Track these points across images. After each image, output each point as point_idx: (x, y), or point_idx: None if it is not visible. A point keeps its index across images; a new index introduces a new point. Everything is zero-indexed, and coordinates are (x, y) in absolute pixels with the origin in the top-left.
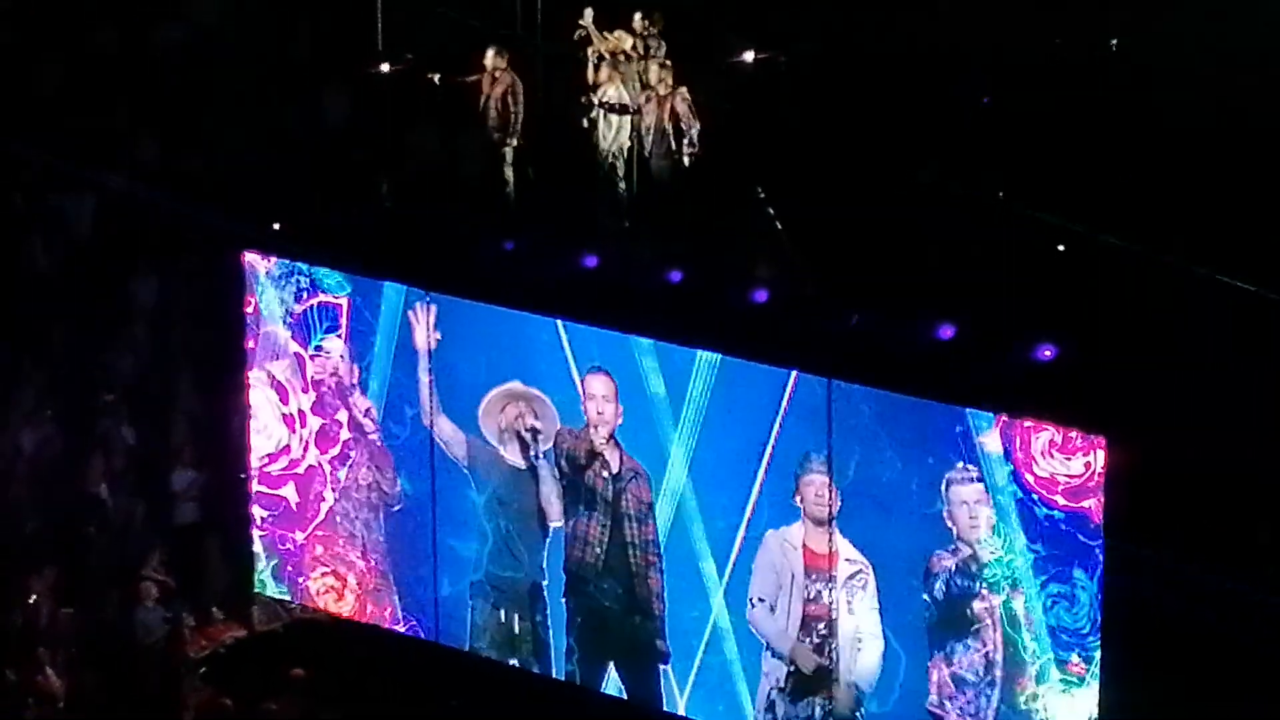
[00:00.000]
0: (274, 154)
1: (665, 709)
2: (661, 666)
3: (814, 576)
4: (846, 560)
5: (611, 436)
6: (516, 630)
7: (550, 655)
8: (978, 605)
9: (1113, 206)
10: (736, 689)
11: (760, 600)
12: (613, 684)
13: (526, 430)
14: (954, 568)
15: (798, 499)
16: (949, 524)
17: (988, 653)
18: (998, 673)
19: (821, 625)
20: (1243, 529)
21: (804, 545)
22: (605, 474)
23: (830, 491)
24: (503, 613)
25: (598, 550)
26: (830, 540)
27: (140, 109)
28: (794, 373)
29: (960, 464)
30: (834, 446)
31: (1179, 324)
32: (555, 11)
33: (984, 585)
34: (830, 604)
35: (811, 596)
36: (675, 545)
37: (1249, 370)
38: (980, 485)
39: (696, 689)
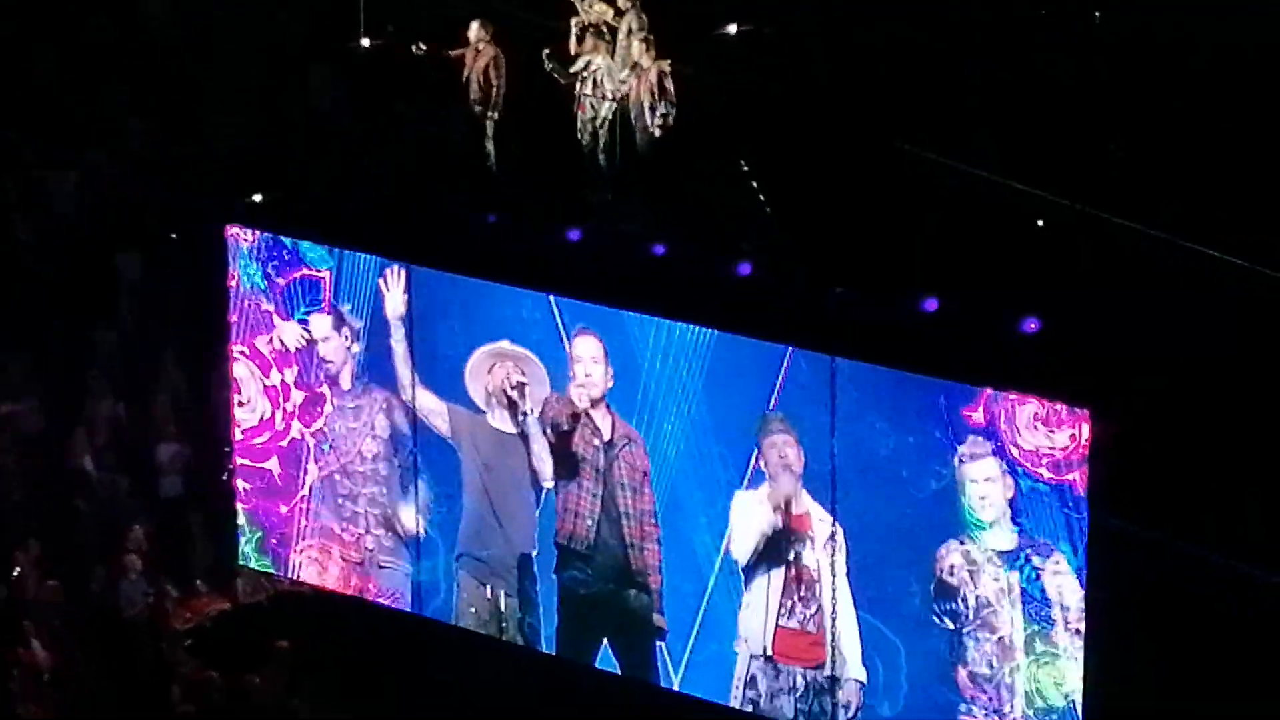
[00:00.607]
0: (256, 128)
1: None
2: (658, 643)
3: (792, 538)
4: (819, 521)
5: (603, 400)
6: (503, 607)
7: (539, 633)
8: (991, 587)
9: (1099, 179)
10: (731, 665)
11: (739, 541)
12: (606, 663)
13: (513, 388)
14: (964, 552)
15: (761, 462)
16: (961, 501)
17: (1002, 637)
18: (1019, 656)
19: (802, 589)
20: (1228, 501)
21: (778, 508)
22: (597, 441)
23: (795, 450)
24: (488, 588)
25: (589, 522)
26: (802, 501)
27: (122, 84)
28: (789, 349)
29: (971, 438)
30: (815, 419)
31: (1164, 296)
32: None
33: (995, 565)
34: (811, 567)
35: (790, 559)
36: (671, 516)
37: (1234, 343)
38: (991, 460)
39: (691, 666)
